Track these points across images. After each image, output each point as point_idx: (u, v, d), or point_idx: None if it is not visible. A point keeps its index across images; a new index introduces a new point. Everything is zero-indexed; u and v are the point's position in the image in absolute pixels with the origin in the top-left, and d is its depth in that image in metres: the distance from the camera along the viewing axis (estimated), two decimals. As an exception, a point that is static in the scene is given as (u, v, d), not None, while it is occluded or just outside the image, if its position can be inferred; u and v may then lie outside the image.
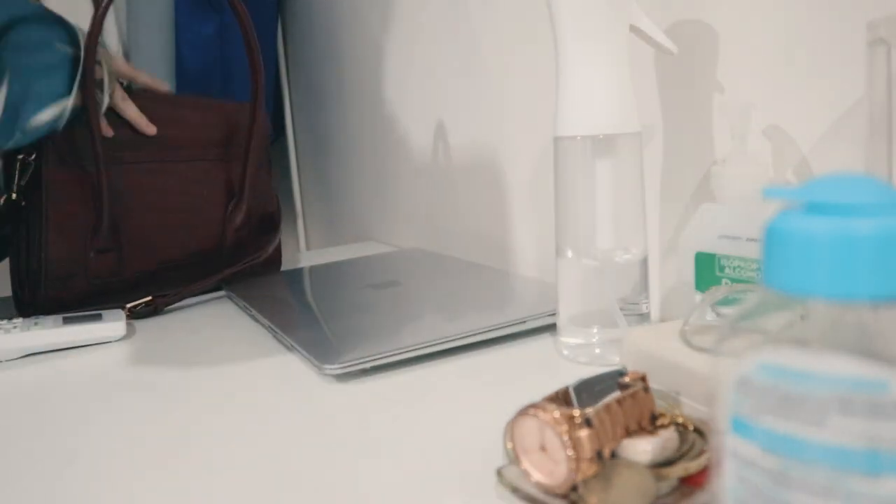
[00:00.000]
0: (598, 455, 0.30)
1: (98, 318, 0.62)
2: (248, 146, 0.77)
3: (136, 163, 0.71)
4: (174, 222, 0.74)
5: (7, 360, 0.58)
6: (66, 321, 0.61)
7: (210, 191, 0.76)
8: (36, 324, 0.60)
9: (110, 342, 0.61)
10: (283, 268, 0.87)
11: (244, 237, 0.79)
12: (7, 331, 0.58)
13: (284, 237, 1.56)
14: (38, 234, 0.67)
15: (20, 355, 0.58)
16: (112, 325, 0.61)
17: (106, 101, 0.67)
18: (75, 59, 0.64)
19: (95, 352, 0.59)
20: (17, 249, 0.70)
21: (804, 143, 0.47)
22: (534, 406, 0.31)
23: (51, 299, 0.68)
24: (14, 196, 0.68)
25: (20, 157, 0.68)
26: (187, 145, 0.75)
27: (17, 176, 0.68)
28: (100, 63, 0.66)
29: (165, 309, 0.70)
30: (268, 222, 0.81)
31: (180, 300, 0.71)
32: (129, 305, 0.67)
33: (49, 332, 0.59)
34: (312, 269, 0.81)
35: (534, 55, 0.71)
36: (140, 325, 0.67)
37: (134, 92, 0.72)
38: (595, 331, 0.48)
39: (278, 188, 1.54)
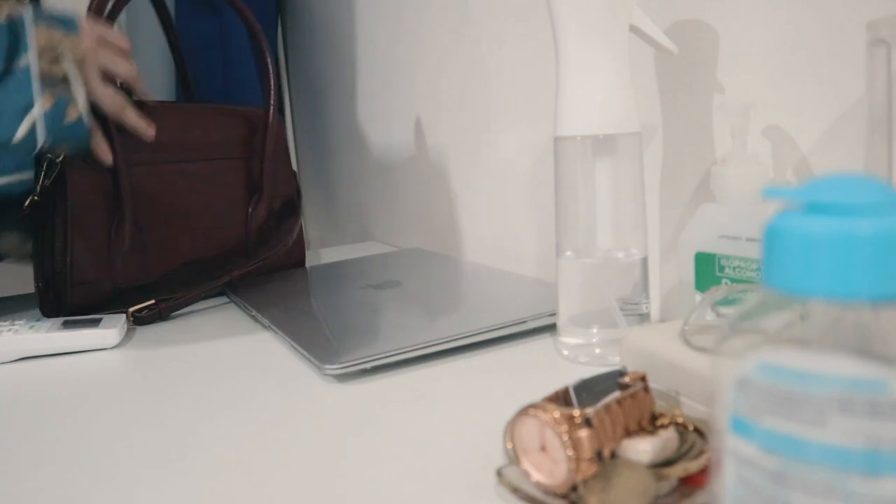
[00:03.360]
0: (598, 455, 0.30)
1: (95, 323, 0.61)
2: (265, 139, 0.77)
3: (154, 164, 0.71)
4: (198, 224, 0.74)
5: (1, 363, 0.57)
6: (66, 325, 0.60)
7: (231, 191, 0.77)
8: (31, 327, 0.60)
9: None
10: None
11: (268, 230, 0.79)
12: (1, 333, 0.58)
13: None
14: (62, 238, 0.66)
15: (14, 358, 0.58)
16: (105, 332, 0.59)
17: (80, 97, 0.62)
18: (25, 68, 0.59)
19: (94, 353, 0.59)
20: (40, 251, 0.69)
21: (804, 143, 0.47)
22: (534, 406, 0.31)
23: (76, 304, 0.67)
24: (37, 198, 0.66)
25: (48, 156, 0.66)
26: (205, 146, 0.75)
27: (42, 176, 0.66)
28: (57, 59, 0.60)
29: (172, 315, 0.69)
30: (289, 209, 0.81)
31: (186, 304, 0.70)
32: (132, 310, 0.66)
33: (43, 336, 0.58)
34: (312, 269, 0.81)
35: (534, 55, 0.71)
36: (141, 325, 0.67)
37: (142, 103, 0.71)
38: (595, 331, 0.48)
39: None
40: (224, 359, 0.55)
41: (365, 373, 0.49)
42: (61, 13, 0.62)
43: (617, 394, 0.32)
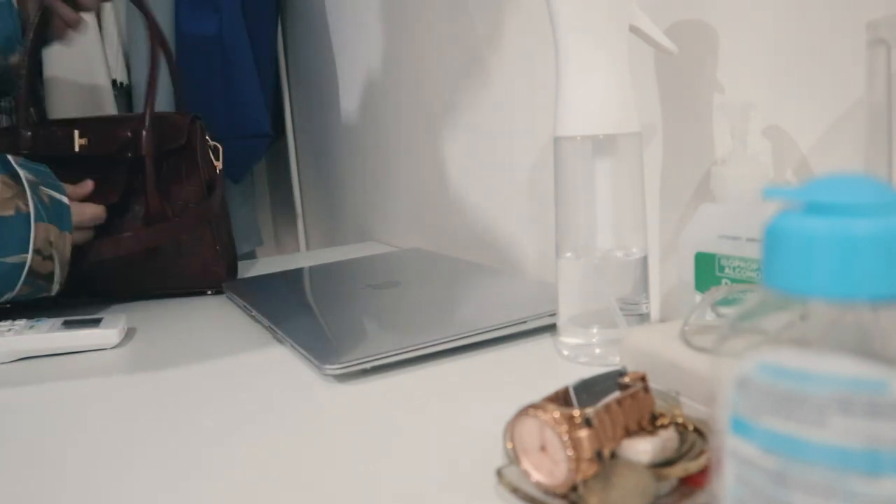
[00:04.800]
0: (598, 455, 0.30)
1: (95, 323, 0.61)
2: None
3: None
4: None
5: (1, 363, 0.57)
6: (66, 325, 0.60)
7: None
8: (31, 327, 0.60)
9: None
10: (282, 268, 0.87)
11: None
12: (2, 333, 0.58)
13: (284, 237, 1.57)
14: None
15: (13, 358, 0.58)
16: (106, 332, 0.59)
17: (56, 289, 0.66)
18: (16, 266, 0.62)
19: (95, 353, 0.59)
20: None
21: (804, 143, 0.47)
22: (534, 406, 0.31)
23: None
24: None
25: None
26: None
27: None
28: (50, 257, 0.63)
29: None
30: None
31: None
32: None
33: (43, 336, 0.58)
34: (312, 269, 0.81)
35: (534, 55, 0.71)
36: (140, 324, 0.67)
37: None
38: (595, 331, 0.48)
39: (279, 188, 1.54)
40: (224, 359, 0.55)
41: (365, 373, 0.49)
42: (57, 199, 0.65)
43: (617, 394, 0.32)
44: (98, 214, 0.70)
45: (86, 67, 1.14)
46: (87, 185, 0.71)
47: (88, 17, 1.13)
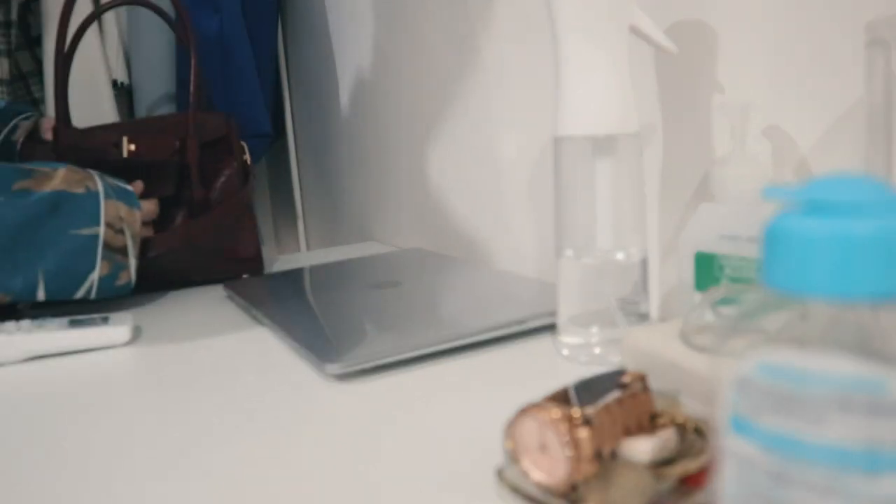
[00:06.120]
0: (598, 455, 0.30)
1: (104, 321, 0.61)
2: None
3: None
4: None
5: (10, 363, 0.57)
6: (73, 324, 0.60)
7: None
8: (40, 326, 0.60)
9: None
10: (283, 268, 0.87)
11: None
12: (10, 333, 0.58)
13: (285, 237, 1.57)
14: None
15: (23, 358, 0.58)
16: (116, 329, 0.60)
17: (133, 266, 0.69)
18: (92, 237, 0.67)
19: (98, 353, 0.59)
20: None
21: (804, 143, 0.47)
22: (534, 406, 0.31)
23: None
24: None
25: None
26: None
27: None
28: (121, 231, 0.68)
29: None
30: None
31: None
32: None
33: (52, 335, 0.58)
34: (312, 269, 0.81)
35: (534, 55, 0.71)
36: (144, 325, 0.67)
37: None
38: (595, 331, 0.48)
39: (278, 188, 1.54)
40: (226, 359, 0.55)
41: (365, 373, 0.49)
42: (122, 186, 0.72)
43: (617, 394, 0.32)
44: (152, 210, 0.76)
45: (86, 67, 1.13)
46: (138, 186, 0.76)
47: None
